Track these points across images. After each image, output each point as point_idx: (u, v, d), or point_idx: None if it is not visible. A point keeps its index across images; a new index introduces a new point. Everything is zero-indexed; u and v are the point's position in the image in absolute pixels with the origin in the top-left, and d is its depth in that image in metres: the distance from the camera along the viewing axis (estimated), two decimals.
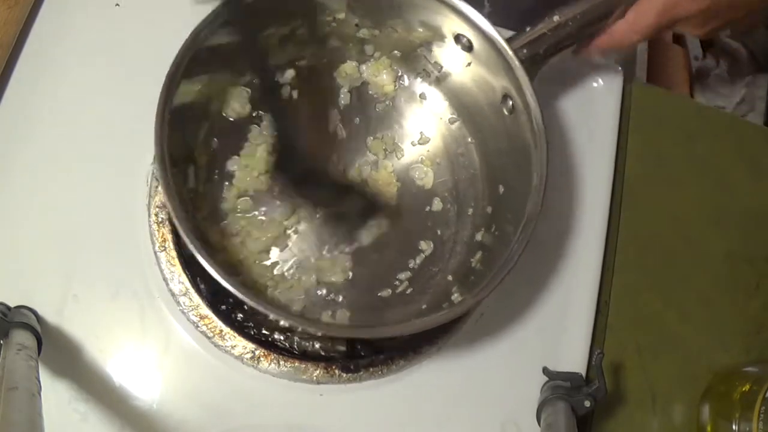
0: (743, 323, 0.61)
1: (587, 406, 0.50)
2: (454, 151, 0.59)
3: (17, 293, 0.50)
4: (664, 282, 0.61)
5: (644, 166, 0.64)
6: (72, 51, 0.57)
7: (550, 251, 0.59)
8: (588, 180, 0.61)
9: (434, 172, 0.58)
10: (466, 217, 0.57)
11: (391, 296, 0.54)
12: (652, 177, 0.64)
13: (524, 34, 0.52)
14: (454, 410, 0.54)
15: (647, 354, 0.58)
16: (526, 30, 0.53)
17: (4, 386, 0.39)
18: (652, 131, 0.65)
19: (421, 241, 0.56)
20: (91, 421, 0.49)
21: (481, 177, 0.57)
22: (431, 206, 0.57)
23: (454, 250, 0.56)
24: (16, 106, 0.55)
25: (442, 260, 0.56)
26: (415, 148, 0.59)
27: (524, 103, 0.51)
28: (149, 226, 0.54)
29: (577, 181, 0.61)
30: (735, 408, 0.54)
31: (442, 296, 0.53)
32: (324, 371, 0.52)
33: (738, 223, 0.64)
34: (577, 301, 0.58)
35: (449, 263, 0.55)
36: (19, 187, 0.53)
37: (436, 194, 0.57)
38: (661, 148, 0.65)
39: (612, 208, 0.61)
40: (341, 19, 0.56)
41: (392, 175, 0.57)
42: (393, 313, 0.53)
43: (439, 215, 0.57)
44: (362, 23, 0.56)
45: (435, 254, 0.56)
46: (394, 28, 0.56)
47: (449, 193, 0.58)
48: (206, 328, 0.52)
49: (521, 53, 0.51)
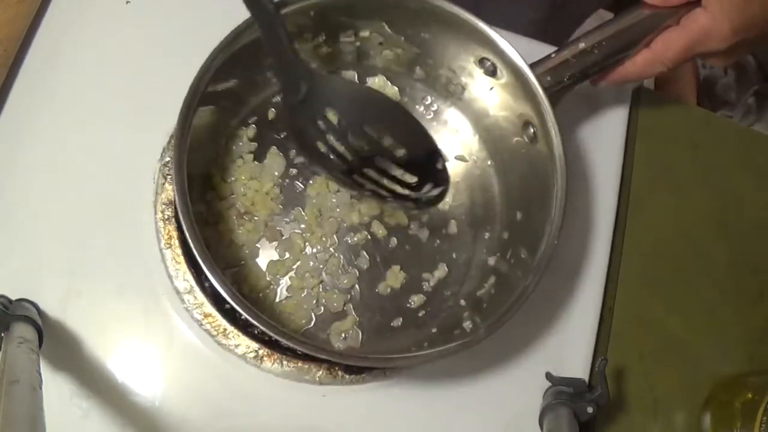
0: (746, 332, 0.62)
1: (590, 413, 0.50)
2: (472, 173, 0.58)
3: (19, 287, 0.50)
4: (669, 290, 0.61)
5: (651, 174, 0.64)
6: (81, 47, 0.56)
7: (556, 257, 0.58)
8: (595, 187, 0.61)
9: (452, 194, 0.57)
10: (482, 242, 0.57)
11: (402, 319, 0.54)
12: (659, 185, 0.64)
13: (548, 60, 0.52)
14: (456, 414, 0.54)
15: (650, 361, 0.59)
16: (551, 56, 0.52)
17: (6, 379, 0.38)
18: (659, 139, 0.65)
19: (436, 264, 0.56)
20: (93, 417, 0.49)
21: (499, 201, 0.57)
22: (447, 229, 0.57)
23: (468, 275, 0.56)
24: (25, 101, 0.54)
25: (456, 284, 0.55)
26: None
27: (545, 132, 0.50)
28: (155, 223, 0.53)
29: (584, 187, 0.61)
30: (736, 417, 0.55)
31: (454, 321, 0.53)
32: (327, 372, 0.52)
33: (743, 232, 0.64)
34: (581, 307, 0.58)
35: (462, 287, 0.55)
36: (26, 181, 0.53)
37: (453, 216, 0.57)
38: (668, 157, 0.65)
39: (618, 215, 0.61)
40: (365, 37, 0.55)
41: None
42: (404, 336, 0.54)
43: (455, 238, 0.57)
44: (387, 43, 0.56)
45: (449, 278, 0.55)
46: (419, 48, 0.56)
47: (466, 216, 0.57)
48: (210, 326, 0.52)
49: (545, 80, 0.51)
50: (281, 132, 0.56)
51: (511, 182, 0.57)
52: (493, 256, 0.55)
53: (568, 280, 0.58)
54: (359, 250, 0.55)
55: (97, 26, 0.57)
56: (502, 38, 0.51)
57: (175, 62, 0.48)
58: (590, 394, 0.51)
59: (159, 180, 0.54)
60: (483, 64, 0.54)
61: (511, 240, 0.55)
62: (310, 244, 0.55)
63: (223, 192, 0.54)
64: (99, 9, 0.57)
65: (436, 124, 0.59)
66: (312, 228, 0.55)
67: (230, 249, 0.53)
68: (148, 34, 0.58)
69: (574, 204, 0.60)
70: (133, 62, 0.57)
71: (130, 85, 0.56)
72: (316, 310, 0.53)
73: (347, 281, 0.54)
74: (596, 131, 0.62)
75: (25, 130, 0.54)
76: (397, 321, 0.54)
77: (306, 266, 0.54)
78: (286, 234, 0.55)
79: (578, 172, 0.61)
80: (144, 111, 0.56)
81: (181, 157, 0.46)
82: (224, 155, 0.55)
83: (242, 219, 0.54)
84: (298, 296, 0.53)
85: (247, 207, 0.54)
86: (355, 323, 0.53)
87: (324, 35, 0.54)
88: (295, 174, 0.56)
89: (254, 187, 0.55)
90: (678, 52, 0.52)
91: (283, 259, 0.54)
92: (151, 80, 0.56)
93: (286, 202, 0.55)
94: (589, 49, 0.52)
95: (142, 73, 0.56)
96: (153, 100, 0.55)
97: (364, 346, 0.53)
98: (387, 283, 0.55)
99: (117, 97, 0.56)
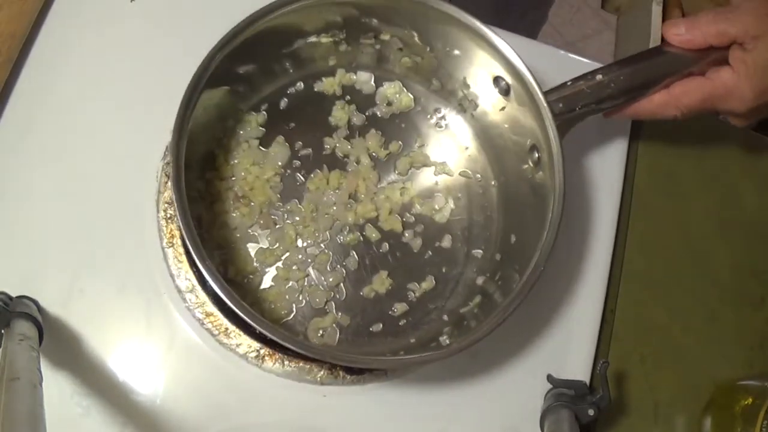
0: (747, 336, 0.62)
1: (591, 415, 0.50)
2: (475, 191, 0.58)
3: (21, 284, 0.50)
4: (670, 293, 0.61)
5: (653, 178, 0.64)
6: (84, 45, 0.56)
7: (559, 258, 0.58)
8: (597, 191, 0.61)
9: (452, 208, 0.57)
10: (474, 260, 0.56)
11: (383, 325, 0.54)
12: (661, 189, 0.64)
13: (563, 88, 0.51)
14: (456, 415, 0.54)
15: (651, 364, 0.59)
16: (567, 83, 0.52)
17: (6, 377, 0.38)
18: (661, 144, 0.65)
19: (424, 275, 0.55)
20: (94, 415, 0.49)
21: (497, 222, 0.57)
22: (441, 242, 0.56)
23: (455, 291, 0.55)
24: (28, 98, 0.54)
25: (442, 298, 0.55)
26: (438, 177, 0.58)
27: (549, 158, 0.50)
28: (158, 222, 0.53)
29: (587, 192, 0.61)
30: (737, 421, 0.54)
31: (433, 334, 0.52)
32: (328, 372, 0.52)
33: (745, 236, 0.64)
34: (583, 310, 0.58)
35: (447, 302, 0.55)
36: (28, 178, 0.53)
37: (449, 231, 0.57)
38: (671, 161, 0.65)
39: (620, 219, 0.61)
40: (385, 41, 0.55)
41: (416, 197, 0.57)
42: (381, 342, 0.53)
43: (447, 252, 0.56)
44: (406, 50, 0.56)
45: (435, 291, 0.55)
46: (439, 59, 0.56)
47: (462, 233, 0.57)
48: (212, 325, 0.52)
49: (556, 107, 0.50)
50: (291, 123, 0.57)
51: (512, 205, 0.56)
52: (482, 276, 0.55)
53: (570, 282, 0.58)
54: (350, 250, 0.55)
55: (101, 25, 0.57)
56: (520, 59, 0.50)
57: (179, 61, 0.47)
58: (591, 397, 0.50)
59: (161, 179, 0.54)
60: (498, 83, 0.53)
61: (503, 262, 0.54)
62: (301, 238, 0.55)
63: (224, 173, 0.54)
64: (102, 7, 0.57)
65: (446, 137, 0.59)
66: (306, 222, 0.55)
67: (222, 230, 0.53)
68: (152, 33, 0.58)
69: (577, 208, 0.60)
70: (137, 61, 0.57)
71: (134, 83, 0.56)
72: (298, 303, 0.53)
73: (333, 279, 0.54)
74: (600, 135, 0.62)
75: (28, 127, 0.54)
76: (377, 326, 0.54)
77: (294, 258, 0.54)
78: (279, 223, 0.55)
79: (581, 175, 0.61)
80: (147, 110, 0.55)
81: (185, 121, 0.46)
82: (230, 137, 0.55)
83: (238, 202, 0.54)
84: (282, 287, 0.53)
85: (245, 191, 0.54)
86: (335, 322, 0.53)
87: (345, 32, 0.54)
88: (298, 166, 0.56)
89: (255, 172, 0.55)
90: (695, 101, 0.51)
91: (273, 248, 0.54)
92: (155, 79, 0.56)
93: (285, 193, 0.55)
94: (606, 82, 0.51)
95: (145, 72, 0.56)
96: (156, 99, 0.54)
97: (340, 345, 0.53)
98: (372, 287, 0.54)
99: (120, 95, 0.56)
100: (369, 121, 0.58)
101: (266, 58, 0.54)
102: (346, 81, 0.58)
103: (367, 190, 0.56)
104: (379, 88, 0.59)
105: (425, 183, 0.58)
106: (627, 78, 0.51)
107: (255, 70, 0.54)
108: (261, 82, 0.56)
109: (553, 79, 0.52)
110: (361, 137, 0.58)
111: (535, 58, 0.52)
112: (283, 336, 0.43)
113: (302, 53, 0.56)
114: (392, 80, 0.59)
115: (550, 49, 0.65)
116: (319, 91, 0.58)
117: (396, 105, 0.59)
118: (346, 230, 0.55)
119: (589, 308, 0.58)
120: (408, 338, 0.53)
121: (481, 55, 0.53)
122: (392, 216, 0.56)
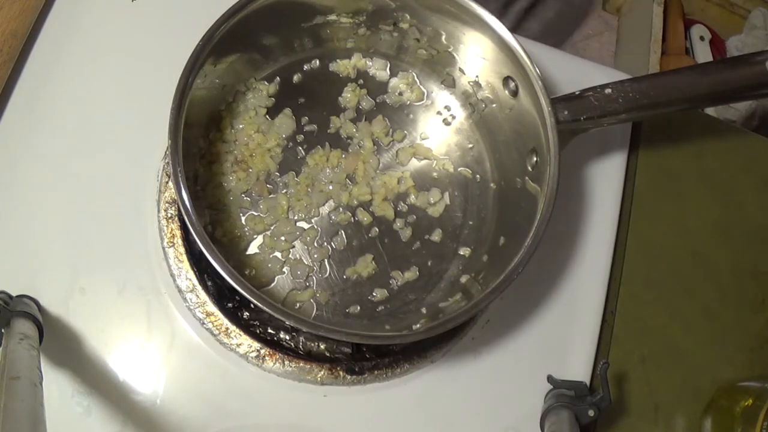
0: (748, 338, 0.61)
1: (591, 416, 0.50)
2: (473, 192, 0.58)
3: (22, 283, 0.50)
4: (671, 294, 0.61)
5: (654, 178, 0.64)
6: (86, 44, 0.56)
7: (559, 260, 0.58)
8: (598, 191, 0.61)
9: (447, 204, 0.57)
10: (460, 258, 0.56)
11: (360, 308, 0.53)
12: (662, 190, 0.64)
13: (571, 96, 0.51)
14: (457, 415, 0.54)
15: (651, 365, 0.59)
16: (575, 92, 0.52)
17: (6, 375, 0.38)
18: (662, 144, 0.65)
19: (409, 266, 0.55)
20: (94, 415, 0.49)
21: (489, 224, 0.57)
22: (431, 235, 0.56)
23: (437, 285, 0.55)
24: (29, 97, 0.54)
25: (423, 291, 0.55)
26: (438, 171, 0.58)
27: (546, 164, 0.50)
28: (158, 222, 0.53)
29: (587, 192, 0.61)
30: (737, 422, 0.54)
31: (407, 324, 0.52)
32: (328, 372, 0.52)
33: (745, 237, 0.64)
34: (583, 311, 0.58)
35: (428, 296, 0.55)
36: (29, 179, 0.53)
37: (440, 225, 0.57)
38: (671, 161, 0.65)
39: (621, 219, 0.61)
40: (403, 29, 0.56)
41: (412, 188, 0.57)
42: (356, 325, 0.53)
43: (435, 246, 0.56)
44: (423, 41, 0.56)
45: (417, 282, 0.55)
46: (452, 54, 0.56)
47: (453, 229, 0.57)
48: (212, 325, 0.52)
49: (562, 114, 0.50)
50: (301, 98, 0.57)
51: (507, 211, 0.56)
52: (466, 275, 0.54)
53: (571, 282, 0.58)
54: (339, 230, 0.55)
55: (102, 24, 0.57)
56: (532, 65, 0.50)
57: (181, 61, 0.47)
58: (592, 398, 0.50)
59: (162, 179, 0.54)
60: (507, 84, 0.53)
61: (489, 263, 0.54)
62: (293, 210, 0.55)
63: (227, 136, 0.55)
64: (103, 7, 0.58)
65: (452, 133, 0.59)
66: (300, 195, 0.55)
67: (217, 190, 0.54)
68: (153, 32, 0.58)
69: (577, 208, 0.60)
70: (138, 61, 0.57)
71: (135, 83, 0.56)
72: (279, 274, 0.53)
73: (318, 255, 0.54)
74: (600, 136, 0.61)
75: (29, 126, 0.54)
76: (354, 308, 0.53)
77: (283, 229, 0.54)
78: (273, 193, 0.55)
79: (581, 175, 0.61)
80: (148, 110, 0.55)
81: (187, 86, 0.47)
82: (239, 102, 0.56)
83: (237, 166, 0.55)
84: (267, 255, 0.53)
85: (245, 157, 0.55)
86: (312, 297, 0.53)
87: (365, 15, 0.55)
88: (301, 140, 0.57)
89: (258, 140, 0.55)
90: None
91: (263, 216, 0.54)
92: (156, 79, 0.54)
93: (284, 164, 0.56)
94: (615, 96, 0.51)
95: (146, 72, 0.57)
96: (158, 99, 0.52)
97: (315, 320, 0.53)
98: (356, 269, 0.54)
99: (121, 95, 0.56)
100: (378, 107, 0.59)
101: (286, 30, 0.55)
102: (362, 65, 0.59)
103: (365, 174, 0.57)
104: (392, 77, 0.59)
105: (424, 175, 0.58)
106: (636, 95, 0.51)
107: (274, 41, 0.55)
108: (278, 54, 0.57)
109: (553, 79, 0.52)
110: (368, 122, 0.58)
111: (535, 58, 0.52)
112: (261, 299, 0.43)
113: (322, 32, 0.57)
114: (407, 71, 0.59)
115: (551, 50, 0.65)
116: (333, 71, 0.59)
117: (407, 96, 0.59)
118: (338, 209, 0.56)
119: (590, 309, 0.58)
120: (382, 325, 0.53)
121: (495, 54, 0.53)
122: (386, 202, 0.56)
